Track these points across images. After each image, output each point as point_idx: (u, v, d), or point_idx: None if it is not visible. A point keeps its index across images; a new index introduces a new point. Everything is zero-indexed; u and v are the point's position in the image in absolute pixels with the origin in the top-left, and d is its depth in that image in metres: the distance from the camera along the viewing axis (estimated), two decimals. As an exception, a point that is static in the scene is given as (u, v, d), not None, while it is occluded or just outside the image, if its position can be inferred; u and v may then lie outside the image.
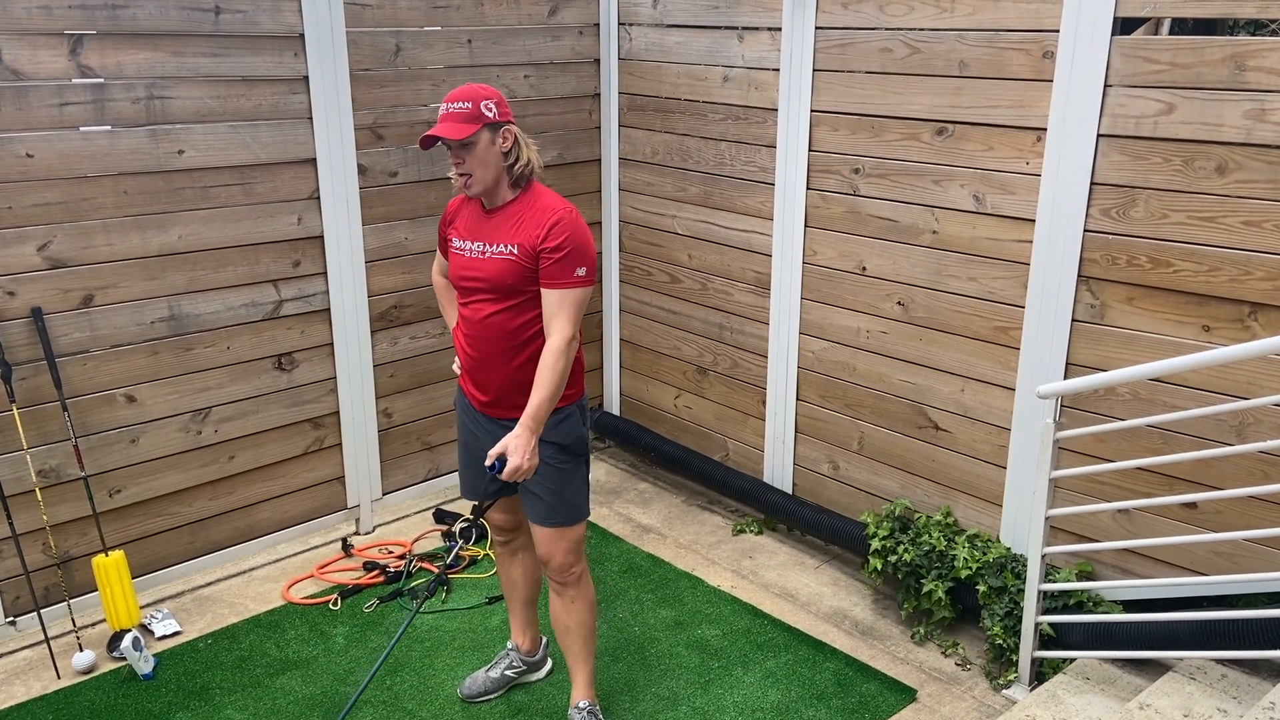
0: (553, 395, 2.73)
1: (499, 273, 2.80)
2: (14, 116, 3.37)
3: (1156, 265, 3.20)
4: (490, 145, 2.76)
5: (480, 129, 2.73)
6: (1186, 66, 3.03)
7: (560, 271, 2.75)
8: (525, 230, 2.78)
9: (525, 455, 2.68)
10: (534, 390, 2.72)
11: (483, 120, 2.73)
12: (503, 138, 2.77)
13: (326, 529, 4.47)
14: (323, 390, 4.30)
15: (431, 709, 3.38)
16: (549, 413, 2.75)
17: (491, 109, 2.75)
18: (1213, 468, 3.18)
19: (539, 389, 2.71)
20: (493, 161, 2.77)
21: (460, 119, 2.73)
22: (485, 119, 2.73)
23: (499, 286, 2.81)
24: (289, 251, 4.07)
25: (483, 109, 2.73)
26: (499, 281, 2.81)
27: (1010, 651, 3.47)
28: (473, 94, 2.75)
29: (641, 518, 4.66)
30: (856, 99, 3.87)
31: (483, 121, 2.73)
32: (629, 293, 5.08)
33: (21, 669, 3.59)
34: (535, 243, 2.75)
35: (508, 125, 2.78)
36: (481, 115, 2.73)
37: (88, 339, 3.67)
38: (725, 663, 3.62)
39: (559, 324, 2.75)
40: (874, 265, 3.96)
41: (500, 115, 2.76)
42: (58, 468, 3.67)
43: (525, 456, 2.68)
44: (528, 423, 2.70)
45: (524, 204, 2.83)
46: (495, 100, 2.77)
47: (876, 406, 4.09)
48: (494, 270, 2.81)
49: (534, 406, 2.71)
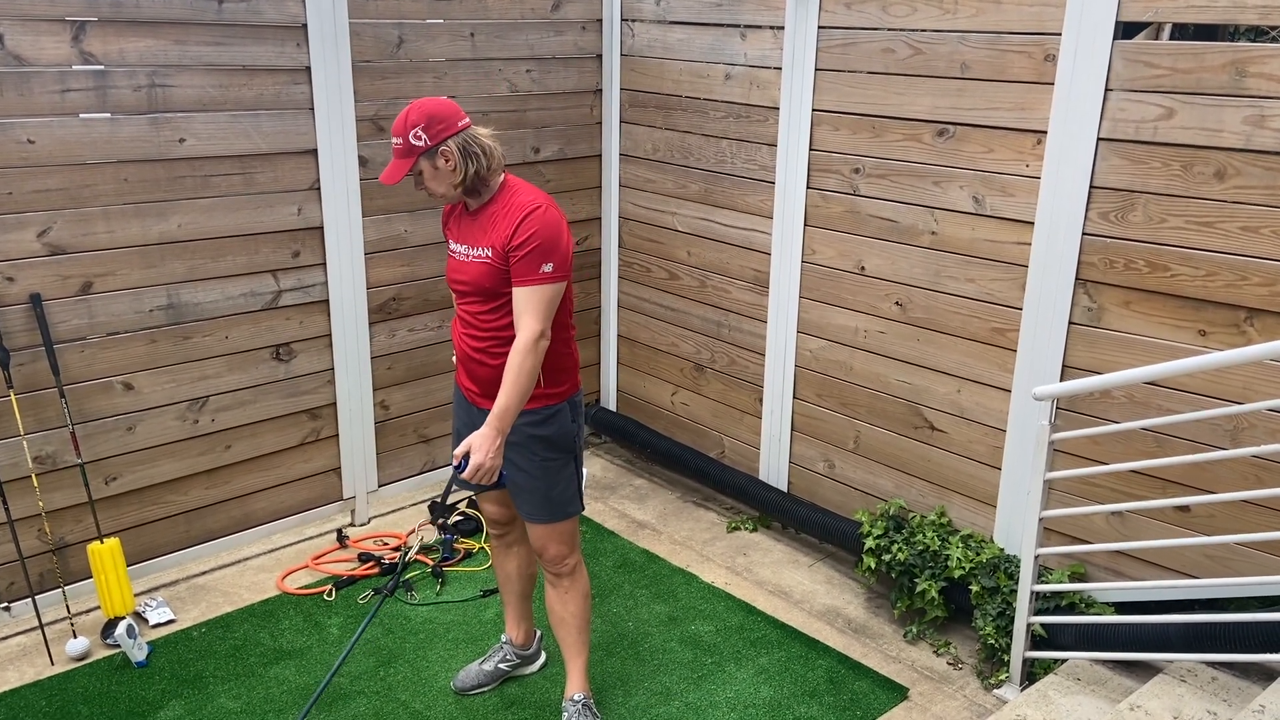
0: (521, 394, 2.70)
1: (478, 276, 2.81)
2: (15, 102, 3.36)
3: (1154, 269, 3.21)
4: (434, 170, 2.75)
5: (417, 161, 2.72)
6: (1187, 72, 3.04)
7: (526, 269, 2.72)
8: (498, 230, 2.77)
9: (487, 454, 2.67)
10: (501, 389, 2.69)
11: (415, 152, 2.71)
12: (442, 158, 2.73)
13: (322, 520, 4.48)
14: (320, 381, 4.30)
15: (425, 700, 3.39)
16: (517, 411, 2.72)
17: (421, 137, 2.70)
18: (1207, 471, 3.20)
19: (505, 388, 2.69)
20: (444, 179, 2.77)
21: (399, 155, 2.74)
22: (416, 149, 2.71)
23: (480, 289, 2.82)
24: (289, 242, 4.07)
25: (411, 140, 2.70)
26: (479, 285, 2.81)
27: (1002, 651, 3.48)
28: (402, 127, 2.71)
29: (637, 513, 4.67)
30: (858, 99, 3.88)
31: (415, 154, 2.71)
32: (627, 289, 5.09)
33: (15, 655, 3.59)
34: (505, 242, 2.74)
35: (443, 146, 2.72)
36: (412, 148, 2.71)
37: (86, 326, 3.67)
38: (718, 659, 3.63)
39: (526, 321, 2.71)
40: (873, 265, 3.97)
41: (432, 139, 2.70)
42: (54, 454, 3.67)
43: (487, 455, 2.67)
44: (493, 421, 2.69)
45: (499, 203, 2.82)
46: (423, 124, 2.70)
47: (873, 406, 4.10)
48: (474, 274, 2.82)
49: (500, 406, 2.69)
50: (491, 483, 2.74)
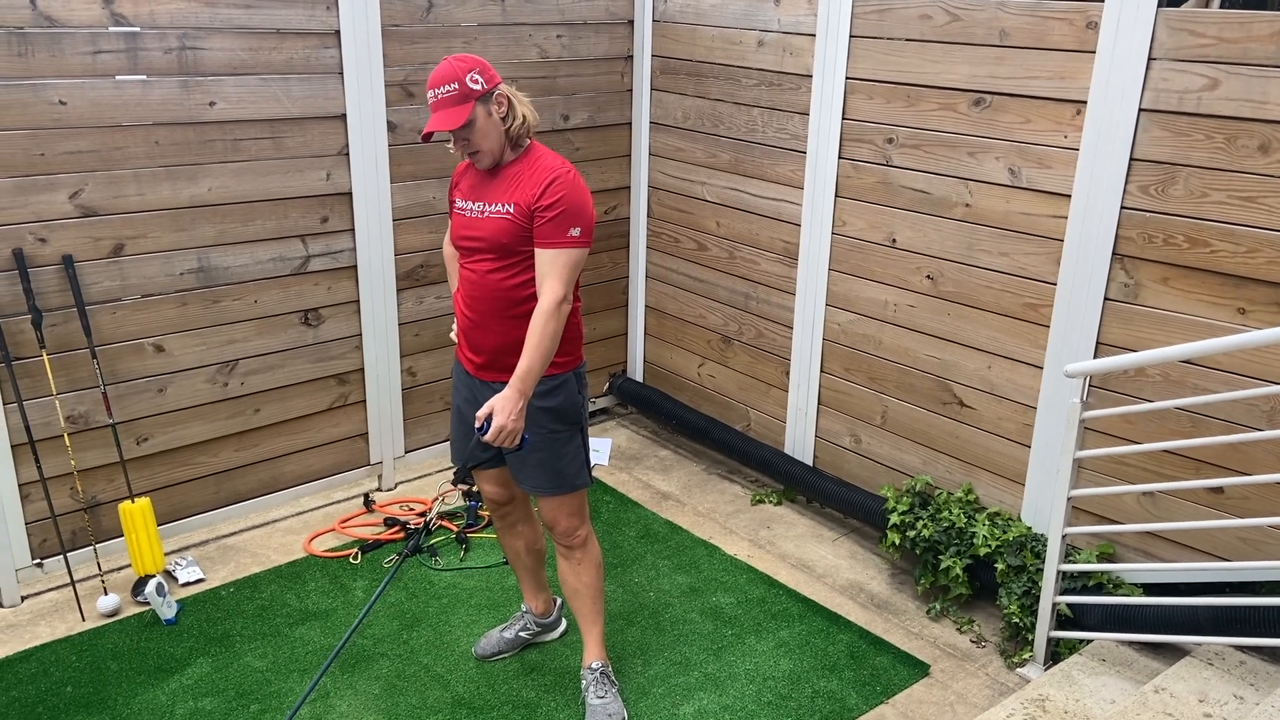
0: (544, 356, 2.69)
1: (495, 231, 2.78)
2: (48, 63, 3.38)
3: (1194, 245, 3.13)
4: (488, 117, 2.73)
5: (474, 106, 2.69)
6: (1233, 41, 2.95)
7: (553, 231, 2.71)
8: (523, 189, 2.75)
9: (510, 415, 2.66)
10: (524, 352, 2.69)
11: (473, 96, 2.69)
12: (496, 103, 2.73)
13: (349, 484, 4.52)
14: (348, 347, 4.32)
15: (446, 664, 3.42)
16: (539, 374, 2.71)
17: (478, 80, 2.69)
18: (1241, 452, 3.13)
19: (528, 350, 2.68)
20: (493, 131, 2.74)
21: (451, 103, 2.69)
22: (475, 93, 2.69)
23: (496, 246, 2.79)
24: (317, 207, 4.07)
25: (469, 84, 2.68)
26: (495, 240, 2.78)
27: (1026, 630, 3.45)
28: (454, 72, 2.69)
29: (661, 484, 4.67)
30: (893, 67, 3.80)
31: (473, 97, 2.69)
32: (656, 259, 5.05)
33: (47, 610, 3.66)
34: (531, 201, 2.72)
35: (498, 90, 2.73)
36: (470, 91, 2.69)
37: (117, 288, 3.70)
38: (739, 630, 3.63)
39: (550, 284, 2.70)
40: (904, 238, 3.91)
41: (488, 82, 2.71)
42: (86, 414, 3.73)
43: (510, 416, 2.66)
44: (516, 384, 2.68)
45: (524, 164, 2.80)
46: (478, 69, 2.70)
47: (901, 381, 4.05)
48: (491, 229, 2.79)
49: (523, 368, 2.68)
50: (514, 446, 2.74)
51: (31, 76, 3.36)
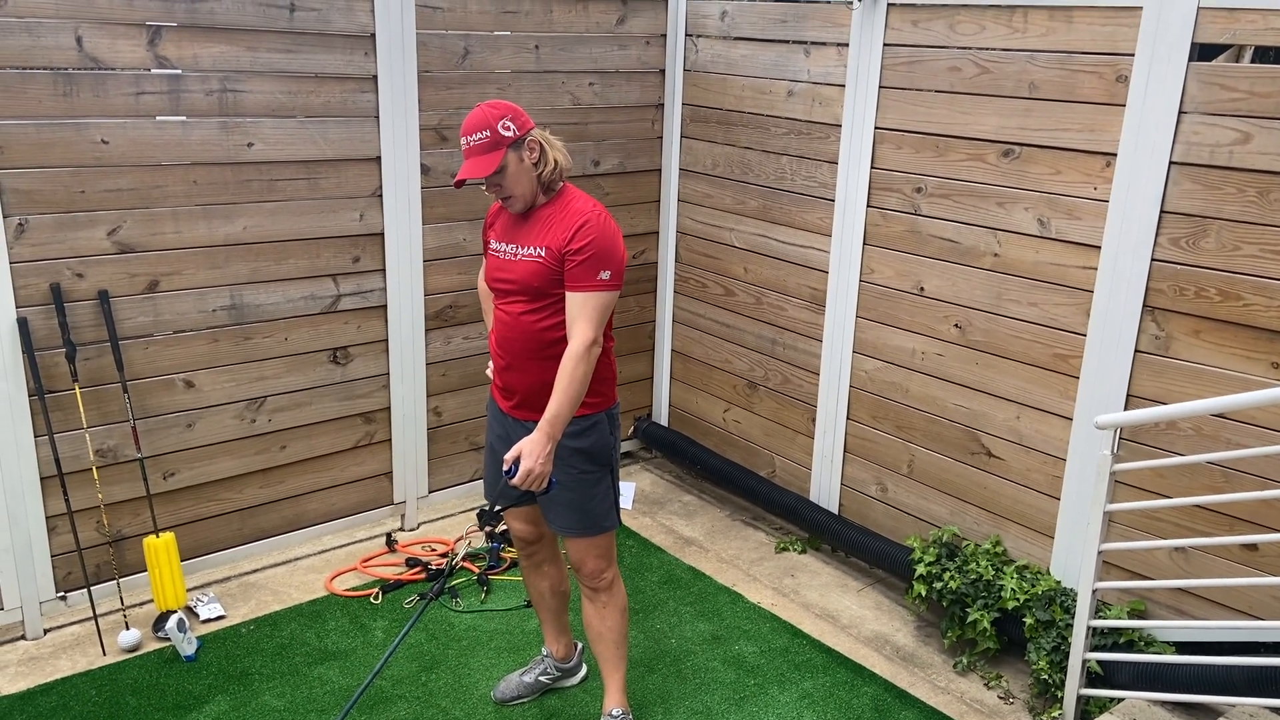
0: (573, 400, 2.69)
1: (527, 274, 2.80)
2: (92, 103, 3.46)
3: (1226, 298, 3.11)
4: (519, 163, 2.76)
5: (505, 153, 2.72)
6: (1265, 95, 2.95)
7: (584, 274, 2.73)
8: (554, 233, 2.77)
9: (538, 459, 2.65)
10: (553, 395, 2.69)
11: (504, 143, 2.72)
12: (528, 149, 2.76)
13: (372, 523, 4.52)
14: (375, 385, 4.34)
15: (465, 708, 3.38)
16: (568, 418, 2.71)
17: (510, 127, 2.72)
18: (1276, 509, 3.07)
19: (557, 394, 2.68)
20: (525, 177, 2.77)
21: (483, 150, 2.72)
22: (506, 140, 2.72)
23: (528, 288, 2.81)
24: (350, 247, 4.12)
25: (501, 130, 2.71)
26: (527, 283, 2.81)
27: (1055, 688, 3.38)
28: (486, 120, 2.72)
29: (684, 530, 4.64)
30: (922, 117, 3.82)
31: (505, 144, 2.72)
32: (683, 304, 5.07)
33: (69, 644, 3.66)
34: (562, 245, 2.75)
35: (529, 136, 2.76)
36: (502, 138, 2.72)
37: (151, 323, 3.75)
38: (761, 681, 3.57)
39: (580, 327, 2.71)
40: (932, 286, 3.90)
41: (520, 129, 2.74)
42: (115, 448, 3.76)
43: (538, 460, 2.65)
44: (544, 427, 2.68)
45: (556, 207, 2.83)
46: (510, 115, 2.74)
47: (928, 430, 4.02)
48: (523, 272, 2.81)
49: (551, 411, 2.68)
50: (541, 489, 2.73)
51: (75, 116, 3.44)
